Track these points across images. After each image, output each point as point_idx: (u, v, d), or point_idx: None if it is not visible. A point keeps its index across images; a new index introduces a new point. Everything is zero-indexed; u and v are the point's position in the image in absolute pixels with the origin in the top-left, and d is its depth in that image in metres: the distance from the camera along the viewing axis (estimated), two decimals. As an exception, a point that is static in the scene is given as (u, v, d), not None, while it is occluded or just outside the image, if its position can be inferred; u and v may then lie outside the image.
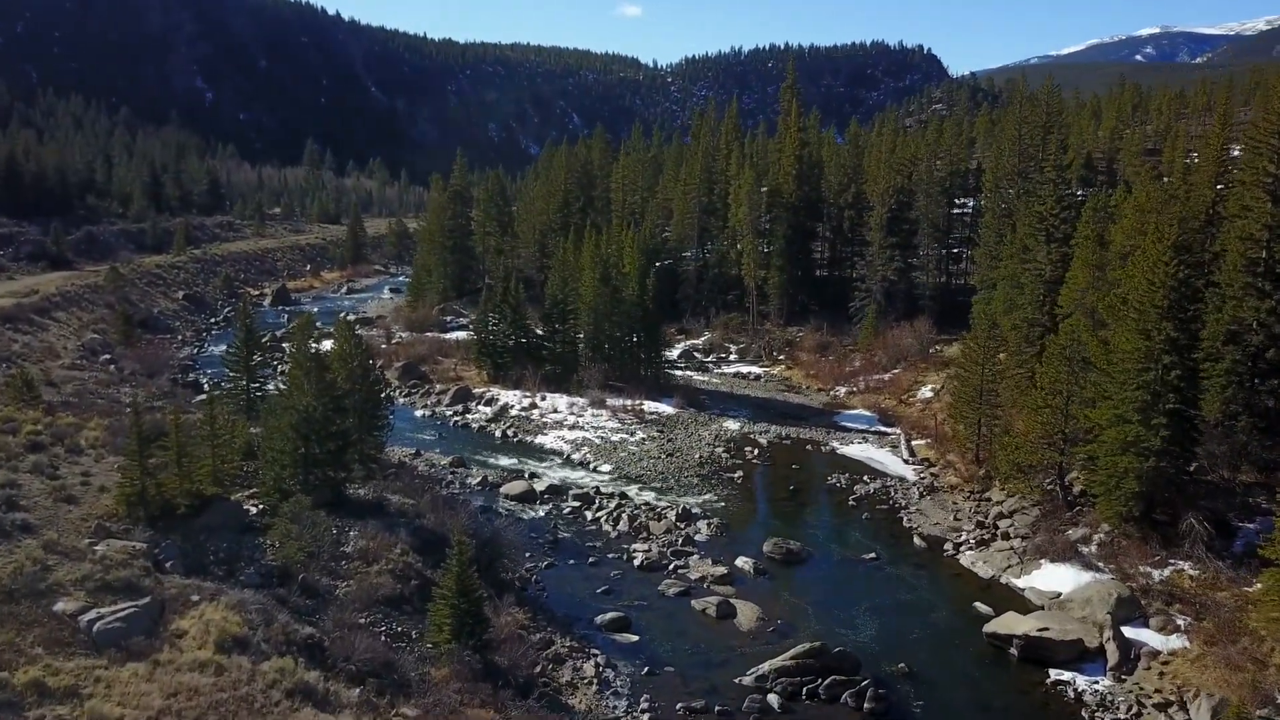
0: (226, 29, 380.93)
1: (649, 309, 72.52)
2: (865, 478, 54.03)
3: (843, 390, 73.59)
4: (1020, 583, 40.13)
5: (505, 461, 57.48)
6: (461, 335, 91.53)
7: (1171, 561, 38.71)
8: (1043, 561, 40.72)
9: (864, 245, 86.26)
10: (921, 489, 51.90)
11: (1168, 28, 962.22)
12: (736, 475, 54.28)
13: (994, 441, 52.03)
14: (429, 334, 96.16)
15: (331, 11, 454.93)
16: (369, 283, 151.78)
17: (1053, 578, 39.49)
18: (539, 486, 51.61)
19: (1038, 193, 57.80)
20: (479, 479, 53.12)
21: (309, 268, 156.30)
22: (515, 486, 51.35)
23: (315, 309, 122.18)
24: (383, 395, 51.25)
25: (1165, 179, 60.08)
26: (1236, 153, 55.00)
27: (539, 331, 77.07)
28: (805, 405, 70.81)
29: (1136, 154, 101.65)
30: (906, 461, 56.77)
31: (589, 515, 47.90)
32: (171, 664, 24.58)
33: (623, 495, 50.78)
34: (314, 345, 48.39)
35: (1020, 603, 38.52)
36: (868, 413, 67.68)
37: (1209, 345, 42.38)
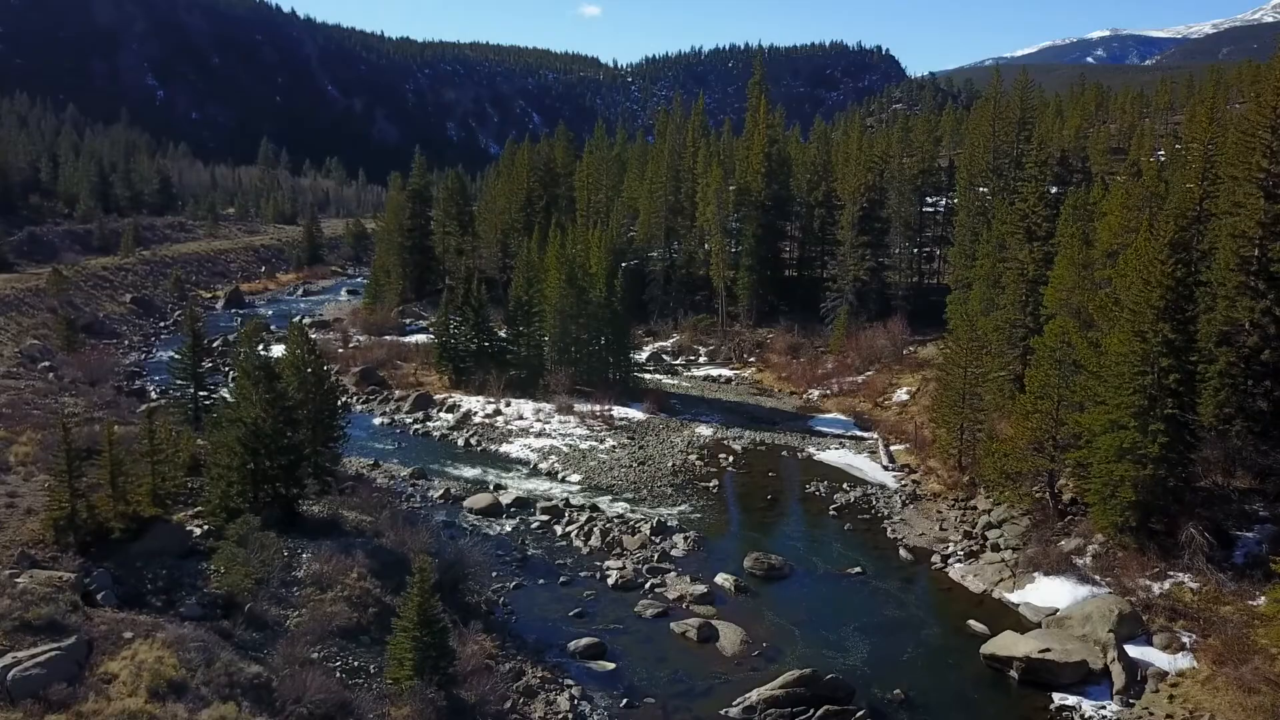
0: (179, 26, 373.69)
1: (617, 311, 70.20)
2: (845, 485, 52.04)
3: (816, 393, 71.68)
4: (1014, 597, 38.25)
5: (469, 472, 54.87)
6: (422, 338, 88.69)
7: (1171, 573, 37.02)
8: (1036, 574, 38.88)
9: (835, 244, 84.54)
10: (904, 497, 49.99)
11: (1118, 30, 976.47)
12: (712, 484, 52.06)
13: (978, 447, 50.33)
14: (388, 337, 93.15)
15: (286, 9, 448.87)
16: (326, 284, 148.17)
17: (1048, 592, 37.65)
18: (505, 499, 49.09)
19: (1020, 190, 56.13)
20: (441, 492, 50.50)
21: (264, 269, 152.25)
22: (480, 500, 48.77)
23: (269, 312, 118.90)
24: (339, 404, 48.57)
25: (1142, 176, 58.67)
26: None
27: (502, 334, 74.51)
28: (778, 409, 68.79)
29: (1102, 152, 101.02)
30: (886, 468, 54.88)
31: (559, 530, 45.45)
32: (97, 716, 21.88)
33: (594, 508, 48.38)
34: (264, 351, 45.52)
35: (1015, 619, 36.63)
36: (843, 417, 65.79)
37: (1202, 346, 40.78)
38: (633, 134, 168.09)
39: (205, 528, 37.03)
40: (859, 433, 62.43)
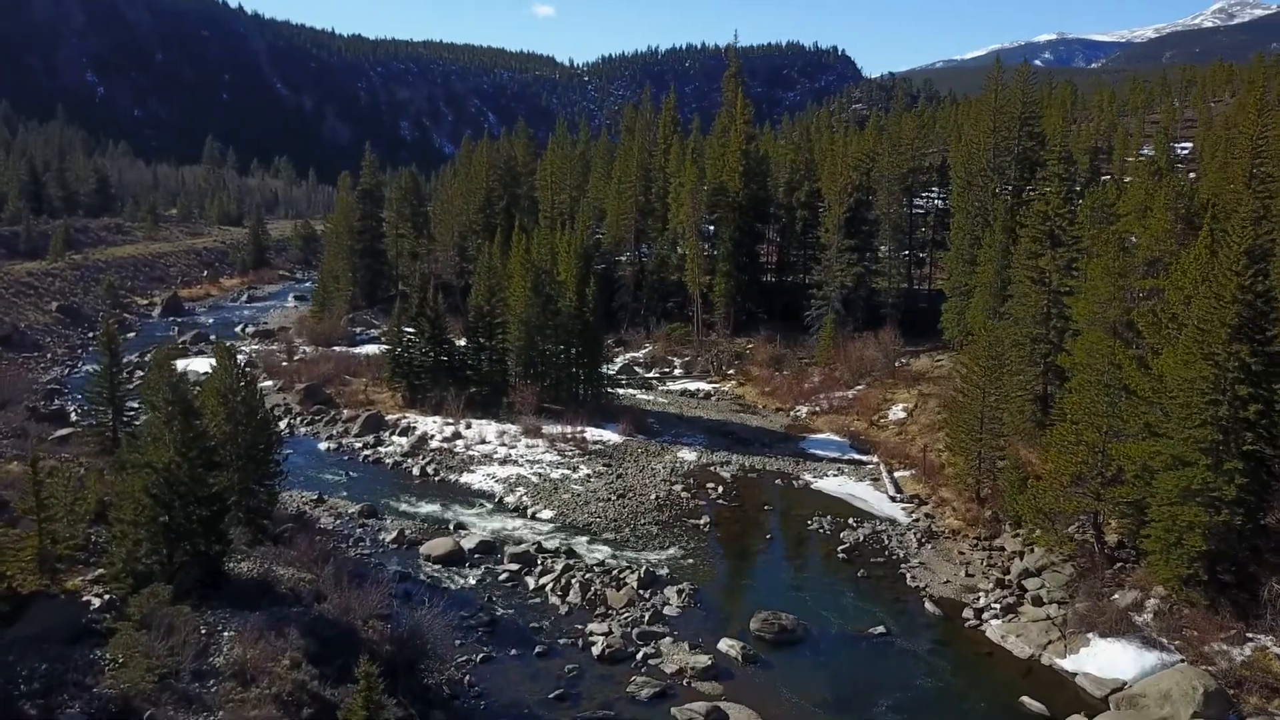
0: (120, 20, 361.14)
1: (589, 322, 64.15)
2: (850, 520, 46.45)
3: (804, 410, 66.15)
4: (1068, 664, 32.76)
5: (426, 508, 48.57)
6: (373, 349, 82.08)
7: (1251, 636, 31.77)
8: (1091, 636, 33.43)
9: (818, 248, 79.10)
10: (919, 534, 44.46)
11: (1064, 34, 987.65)
12: (702, 521, 46.17)
13: (998, 477, 45.07)
14: (336, 348, 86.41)
15: (234, 4, 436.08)
16: (272, 289, 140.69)
17: (1109, 658, 32.19)
18: (467, 543, 42.86)
19: (1036, 189, 50.89)
20: (394, 533, 44.15)
21: (206, 274, 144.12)
22: (439, 545, 42.47)
23: (210, 320, 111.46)
24: (274, 436, 42.09)
25: (1163, 175, 53.83)
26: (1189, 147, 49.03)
27: (462, 346, 68.05)
28: (765, 429, 63.15)
29: (1084, 151, 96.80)
30: (893, 499, 49.38)
31: (531, 583, 39.32)
32: None
33: (570, 552, 42.31)
34: (182, 379, 38.89)
35: (1074, 693, 31.17)
36: (837, 437, 60.30)
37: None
38: (597, 132, 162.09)
39: (107, 597, 30.62)
40: (857, 456, 56.98)
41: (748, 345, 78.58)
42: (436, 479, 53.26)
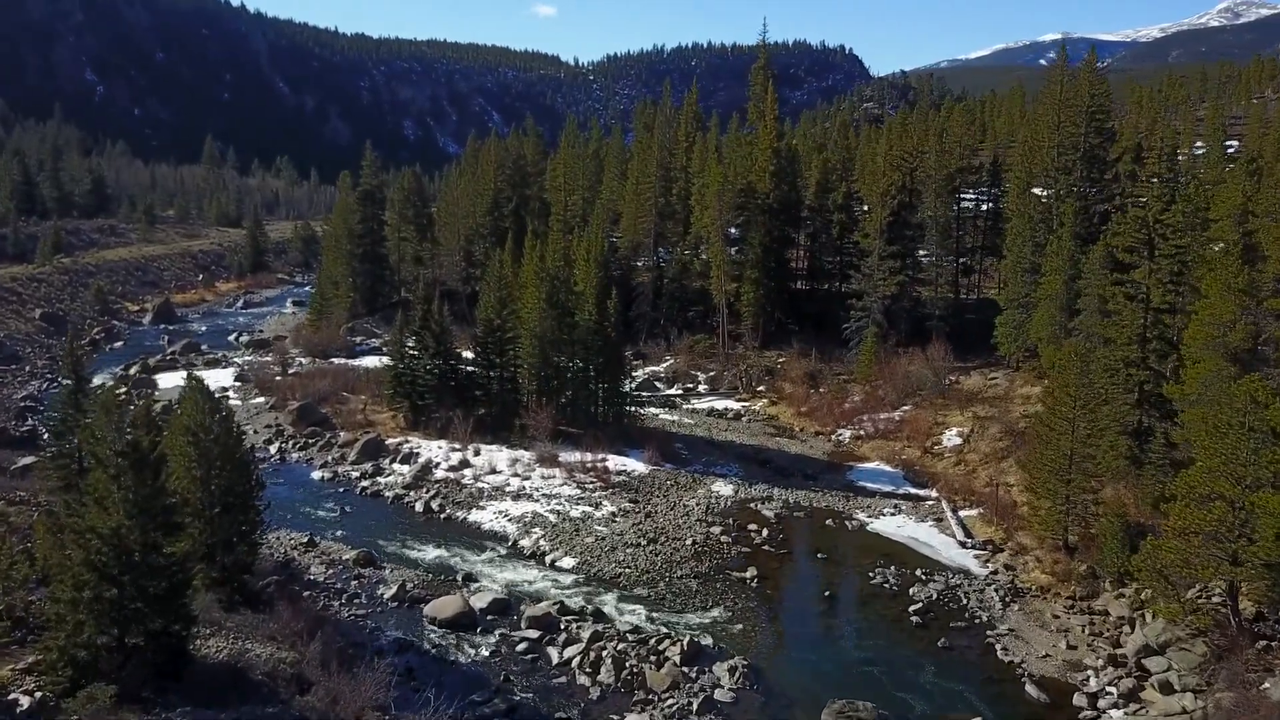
0: (119, 18, 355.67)
1: (610, 337, 58.13)
2: (918, 572, 40.42)
3: (847, 434, 60.14)
4: (1219, 776, 26.71)
5: (431, 553, 42.61)
6: (373, 361, 76.25)
7: None
8: (1242, 737, 27.34)
9: (856, 255, 72.97)
10: (1001, 591, 38.38)
11: (1069, 34, 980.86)
12: (748, 574, 40.11)
13: (1090, 523, 39.10)
14: (335, 360, 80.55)
15: (234, 3, 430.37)
16: (270, 294, 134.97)
17: (1272, 771, 26.13)
18: (478, 602, 36.86)
19: (1140, 192, 44.81)
20: (394, 587, 38.14)
21: (201, 277, 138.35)
22: (446, 604, 36.45)
23: (203, 327, 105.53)
24: (254, 481, 36.12)
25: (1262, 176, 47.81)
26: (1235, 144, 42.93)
27: (469, 362, 62.01)
28: (806, 456, 57.16)
29: (1128, 149, 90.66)
30: (963, 545, 43.31)
31: (554, 655, 33.30)
32: None
33: (598, 614, 36.32)
34: (146, 417, 32.95)
35: (1234, 817, 25.11)
36: (888, 468, 54.31)
37: None
38: (604, 131, 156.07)
39: (41, 694, 24.83)
40: (912, 490, 50.97)
41: (779, 359, 72.56)
42: (442, 516, 47.29)
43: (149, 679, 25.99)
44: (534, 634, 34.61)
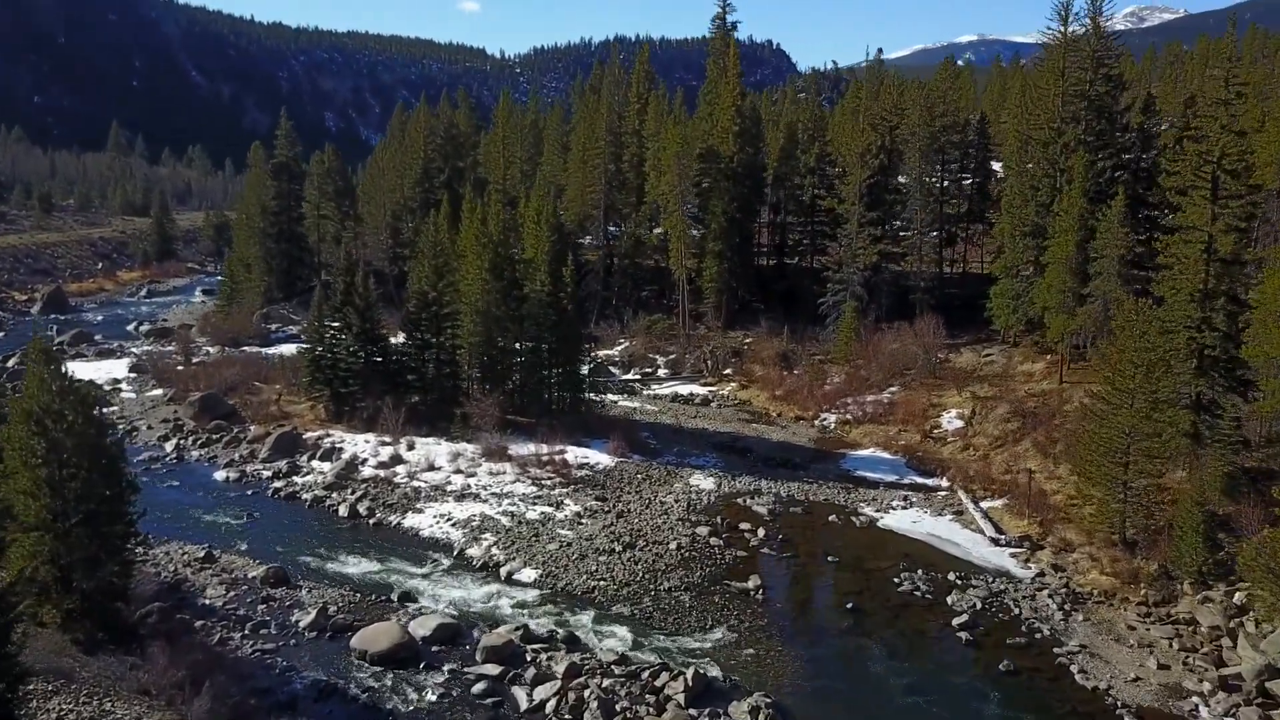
0: (16, 1, 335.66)
1: (565, 311, 50.49)
2: (951, 576, 33.73)
3: (832, 419, 53.50)
4: None
5: (357, 567, 34.78)
6: (290, 349, 67.70)
7: None
8: None
9: (832, 224, 66.26)
10: (1057, 599, 31.80)
11: (984, 36, 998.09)
12: (750, 583, 33.00)
13: (1155, 513, 32.88)
14: (247, 348, 71.75)
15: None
16: (179, 283, 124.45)
17: None
18: (420, 629, 29.14)
19: (1201, 128, 38.42)
20: (313, 613, 30.24)
21: (101, 266, 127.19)
22: (379, 634, 28.63)
23: (99, 317, 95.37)
24: (126, 484, 27.97)
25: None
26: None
27: (400, 344, 53.95)
28: (789, 443, 50.32)
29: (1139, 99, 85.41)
30: (994, 542, 36.73)
31: (521, 698, 25.78)
32: None
33: (571, 640, 28.93)
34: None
35: None
36: (886, 454, 47.74)
37: None
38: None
39: None
40: (919, 479, 44.48)
41: (746, 340, 65.73)
42: (371, 522, 39.40)
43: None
44: (493, 669, 27.05)
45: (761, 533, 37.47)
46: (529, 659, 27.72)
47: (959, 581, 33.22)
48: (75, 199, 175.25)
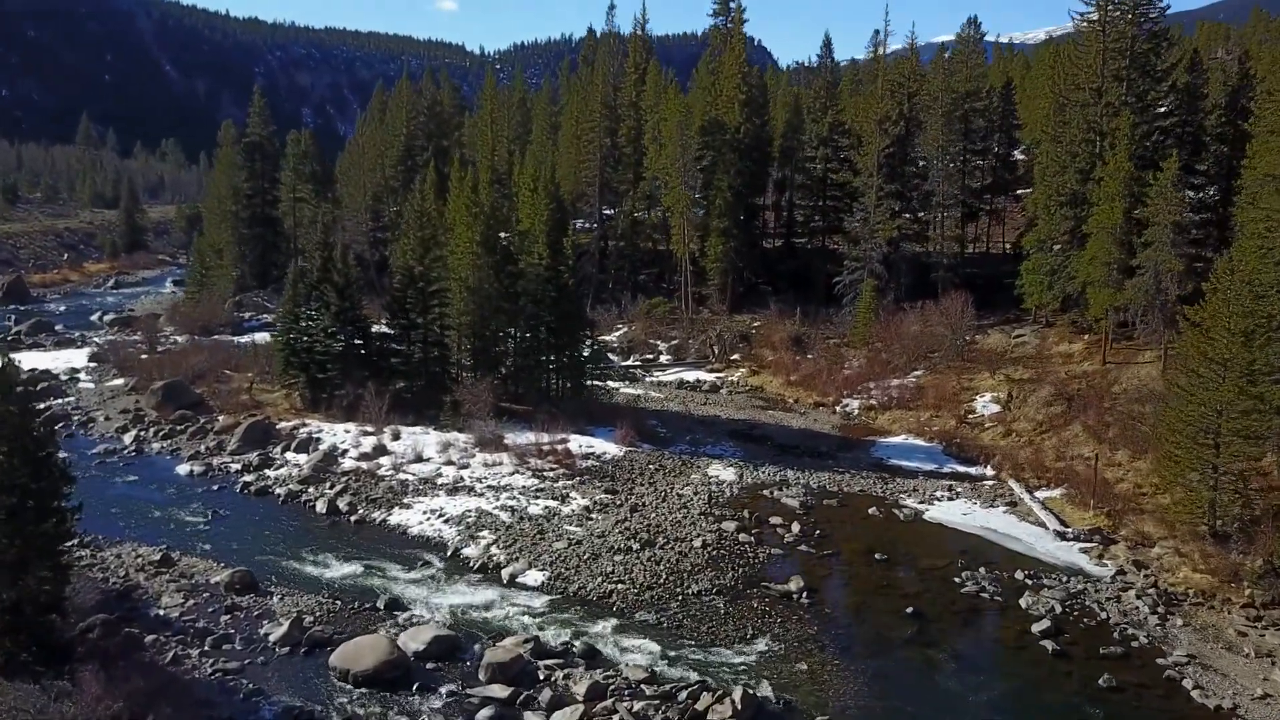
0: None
1: (566, 287, 45.99)
2: (1018, 574, 29.54)
3: (855, 404, 49.31)
4: None
5: (338, 570, 30.29)
6: (264, 337, 62.81)
7: None
8: None
9: (847, 198, 62.02)
10: (1148, 599, 27.66)
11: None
12: (791, 585, 28.68)
13: (1251, 502, 28.78)
14: (218, 337, 66.89)
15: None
16: (149, 274, 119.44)
17: None
18: (413, 643, 24.69)
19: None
20: (285, 625, 25.72)
21: (66, 257, 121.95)
22: (364, 649, 24.15)
23: (61, 308, 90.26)
24: (60, 477, 23.39)
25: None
26: None
27: (383, 328, 49.39)
28: (812, 430, 46.10)
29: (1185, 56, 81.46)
30: (1060, 535, 32.57)
31: (537, 727, 21.41)
32: None
33: (590, 654, 24.62)
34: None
35: None
36: (920, 441, 43.58)
37: None
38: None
39: None
40: (959, 467, 40.36)
41: (753, 324, 61.46)
42: (353, 519, 34.90)
43: None
44: (500, 691, 22.63)
45: (796, 528, 33.18)
46: (542, 677, 23.35)
47: (1029, 581, 29.04)
48: (42, 191, 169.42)
